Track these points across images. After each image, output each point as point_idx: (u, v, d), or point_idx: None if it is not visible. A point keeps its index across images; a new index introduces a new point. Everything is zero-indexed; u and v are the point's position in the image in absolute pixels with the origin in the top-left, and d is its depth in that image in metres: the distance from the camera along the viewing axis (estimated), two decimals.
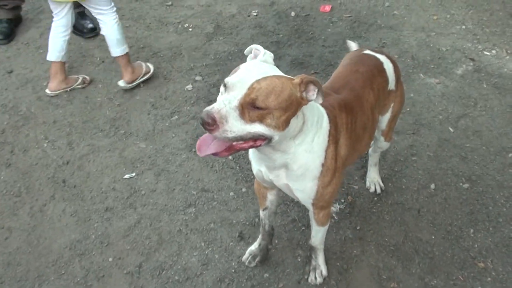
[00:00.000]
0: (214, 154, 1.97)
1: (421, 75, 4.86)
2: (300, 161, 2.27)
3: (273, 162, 2.27)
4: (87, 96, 4.66)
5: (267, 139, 2.00)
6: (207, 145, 1.97)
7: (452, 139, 4.09)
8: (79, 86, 4.77)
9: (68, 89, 4.71)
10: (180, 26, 5.77)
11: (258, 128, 1.92)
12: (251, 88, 1.88)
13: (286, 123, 2.01)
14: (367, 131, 2.72)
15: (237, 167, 3.85)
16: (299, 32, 5.59)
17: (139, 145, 4.11)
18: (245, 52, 2.28)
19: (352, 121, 2.52)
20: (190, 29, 5.71)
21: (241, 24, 5.79)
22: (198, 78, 4.88)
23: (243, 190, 3.66)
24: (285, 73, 2.09)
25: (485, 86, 4.72)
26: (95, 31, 5.45)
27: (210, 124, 1.82)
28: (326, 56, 5.14)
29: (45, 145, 4.13)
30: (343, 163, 2.50)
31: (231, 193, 3.65)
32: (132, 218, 3.50)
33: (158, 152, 4.04)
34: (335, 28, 5.62)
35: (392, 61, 3.00)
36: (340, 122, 2.44)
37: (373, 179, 3.64)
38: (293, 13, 5.95)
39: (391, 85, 2.93)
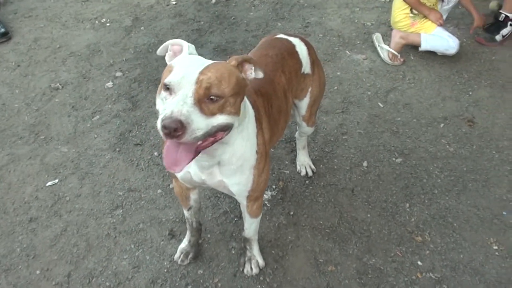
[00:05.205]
0: None
1: (347, 52, 4.83)
2: (239, 152, 2.20)
3: (212, 158, 2.17)
4: (4, 103, 4.44)
5: (228, 130, 1.93)
6: (175, 158, 1.85)
7: (382, 114, 4.08)
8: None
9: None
10: (97, 21, 5.62)
11: (220, 119, 1.84)
12: (199, 81, 1.78)
13: (240, 107, 1.97)
14: (282, 114, 2.69)
15: (163, 164, 3.70)
16: (220, 18, 5.52)
17: (60, 149, 3.93)
18: (158, 51, 2.14)
19: (268, 105, 2.49)
20: (108, 24, 5.57)
21: (160, 14, 5.69)
22: (118, 74, 4.74)
23: (171, 186, 3.55)
24: None
25: (412, 58, 4.73)
26: (7, 35, 5.28)
27: (179, 128, 1.67)
28: (249, 41, 5.08)
29: None
30: (268, 147, 2.46)
31: (159, 191, 3.54)
32: (57, 227, 3.35)
33: (81, 155, 3.87)
34: (257, 11, 5.55)
35: (306, 44, 2.96)
36: (260, 106, 2.40)
37: (303, 162, 3.60)
38: None
39: (306, 68, 2.90)
